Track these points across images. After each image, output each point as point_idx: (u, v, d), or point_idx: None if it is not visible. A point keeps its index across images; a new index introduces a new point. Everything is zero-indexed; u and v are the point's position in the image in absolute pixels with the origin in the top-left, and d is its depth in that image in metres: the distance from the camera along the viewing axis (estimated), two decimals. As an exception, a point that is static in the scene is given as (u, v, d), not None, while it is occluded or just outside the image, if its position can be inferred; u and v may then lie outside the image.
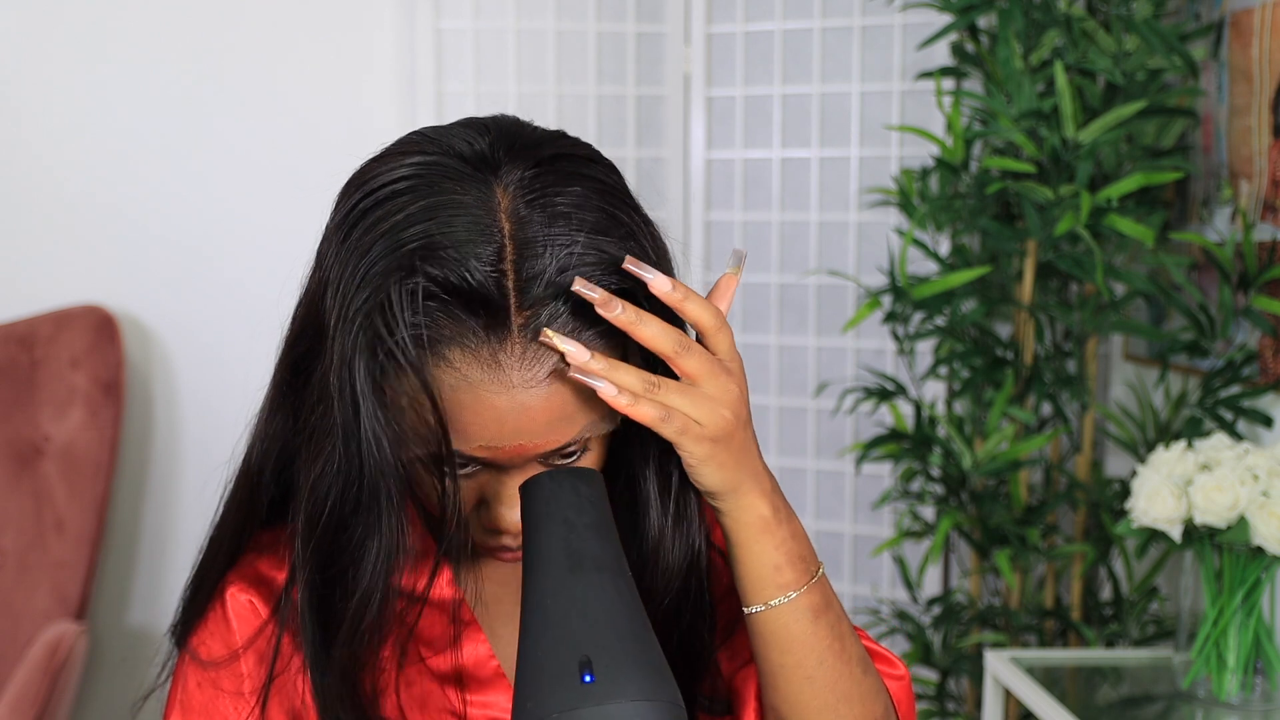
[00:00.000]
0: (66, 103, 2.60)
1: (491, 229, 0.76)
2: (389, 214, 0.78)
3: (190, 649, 0.89)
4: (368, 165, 0.83)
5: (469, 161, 0.79)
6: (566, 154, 0.81)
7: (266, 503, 0.89)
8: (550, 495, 0.78)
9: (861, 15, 2.48)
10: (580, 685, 0.68)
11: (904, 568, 2.32)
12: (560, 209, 0.78)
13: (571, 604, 0.72)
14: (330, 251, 0.81)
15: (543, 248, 0.76)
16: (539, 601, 0.73)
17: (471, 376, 0.76)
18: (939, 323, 2.13)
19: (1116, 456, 2.37)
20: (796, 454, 2.61)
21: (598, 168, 0.82)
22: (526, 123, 0.85)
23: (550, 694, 0.69)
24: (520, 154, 0.80)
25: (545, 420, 0.78)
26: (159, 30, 2.60)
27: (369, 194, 0.80)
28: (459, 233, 0.76)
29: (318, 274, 0.83)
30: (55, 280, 2.61)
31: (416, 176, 0.79)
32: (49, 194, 2.62)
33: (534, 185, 0.78)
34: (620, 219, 0.80)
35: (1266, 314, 1.89)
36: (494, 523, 0.83)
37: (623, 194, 0.82)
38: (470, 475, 0.82)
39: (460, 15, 2.58)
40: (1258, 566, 1.70)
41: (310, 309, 0.83)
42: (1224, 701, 1.74)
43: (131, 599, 2.69)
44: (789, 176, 2.59)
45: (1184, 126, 2.06)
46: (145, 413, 2.67)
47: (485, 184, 0.78)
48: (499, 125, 0.83)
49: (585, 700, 0.68)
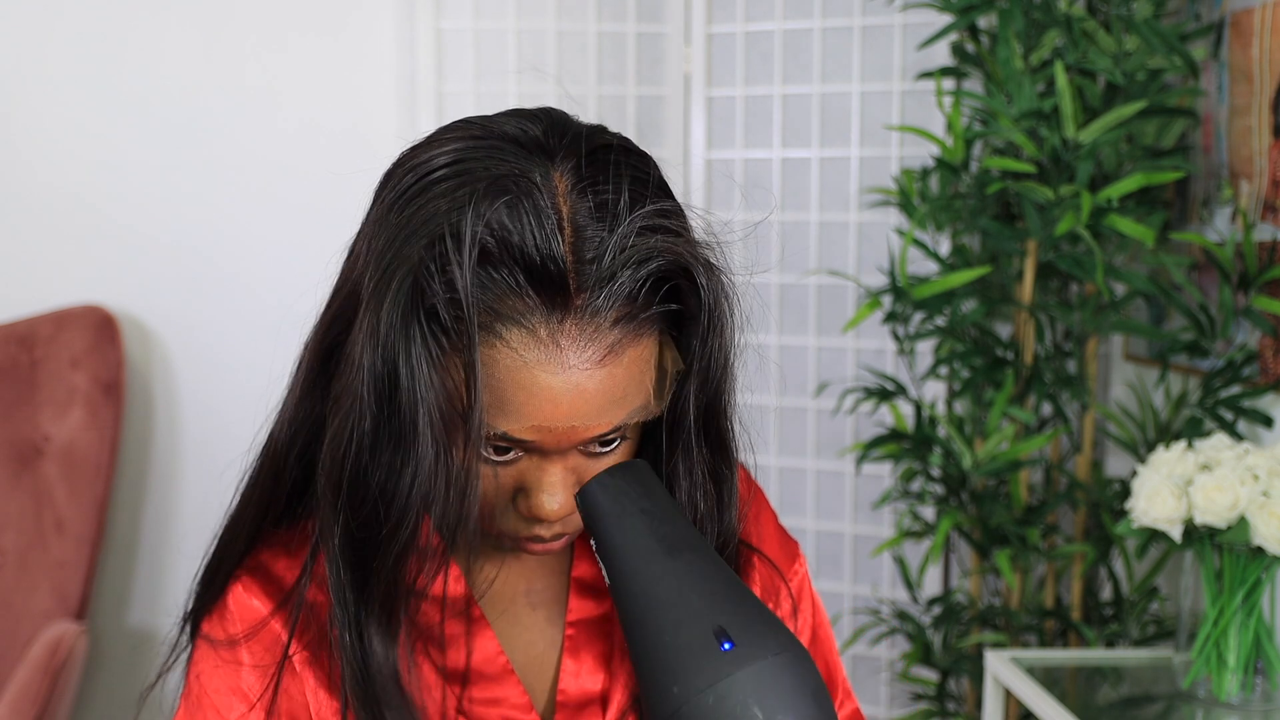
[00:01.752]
0: (66, 103, 2.60)
1: (549, 210, 0.77)
2: (446, 191, 0.78)
3: (204, 634, 0.89)
4: (411, 151, 0.83)
5: (524, 145, 0.80)
6: (614, 144, 0.82)
7: (289, 488, 0.90)
8: (619, 491, 0.78)
9: (861, 15, 2.48)
10: (723, 654, 0.70)
11: (904, 568, 2.32)
12: (613, 197, 0.79)
13: (683, 584, 0.73)
14: (378, 233, 0.80)
15: (599, 233, 0.77)
16: (645, 590, 0.74)
17: (529, 356, 0.77)
18: (939, 323, 2.13)
19: (1116, 456, 2.37)
20: (796, 454, 2.61)
21: (644, 161, 0.84)
22: (571, 115, 0.86)
23: (696, 670, 0.70)
24: (574, 142, 0.81)
25: (599, 403, 0.79)
26: (159, 30, 2.60)
27: (419, 177, 0.80)
28: (523, 204, 0.77)
29: (355, 260, 0.82)
30: (55, 280, 2.61)
31: (469, 158, 0.79)
32: (49, 194, 2.62)
33: (588, 174, 0.79)
34: (666, 209, 0.81)
35: (1267, 314, 1.89)
36: (534, 510, 0.83)
37: (666, 187, 0.84)
38: (512, 462, 0.82)
39: (460, 15, 2.57)
40: (1258, 566, 1.70)
41: (346, 296, 0.82)
42: (1224, 702, 1.74)
43: (131, 599, 2.69)
44: (789, 176, 2.59)
45: (1184, 126, 2.06)
46: (145, 413, 2.67)
47: (543, 166, 0.79)
48: (548, 115, 0.84)
49: (733, 666, 0.69)
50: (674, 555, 0.75)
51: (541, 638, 0.95)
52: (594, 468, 0.84)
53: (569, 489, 0.83)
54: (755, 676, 0.69)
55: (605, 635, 0.96)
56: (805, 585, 1.02)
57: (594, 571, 0.98)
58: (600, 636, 0.96)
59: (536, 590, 0.96)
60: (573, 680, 0.94)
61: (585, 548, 0.98)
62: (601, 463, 0.84)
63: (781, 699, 0.68)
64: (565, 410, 0.78)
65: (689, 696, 0.69)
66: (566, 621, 0.96)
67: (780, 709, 0.68)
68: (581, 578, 0.97)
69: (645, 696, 0.73)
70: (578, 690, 0.94)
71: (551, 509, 0.83)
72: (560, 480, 0.82)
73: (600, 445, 0.83)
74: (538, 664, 0.95)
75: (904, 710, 2.51)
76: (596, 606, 0.96)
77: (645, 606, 0.74)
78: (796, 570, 1.02)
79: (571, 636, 0.95)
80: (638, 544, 0.76)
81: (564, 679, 0.94)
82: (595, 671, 0.95)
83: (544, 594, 0.96)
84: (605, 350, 0.78)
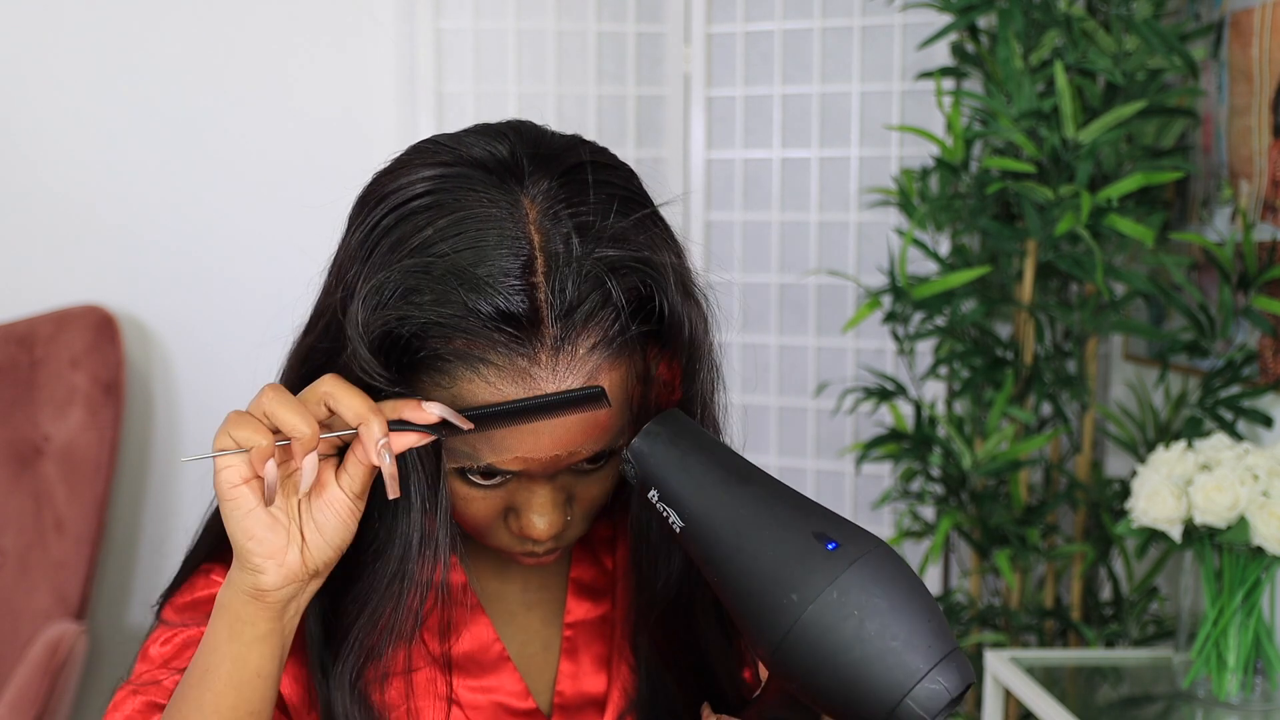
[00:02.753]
0: (67, 103, 2.60)
1: (521, 241, 0.76)
2: (416, 229, 0.77)
3: (164, 618, 0.89)
4: (382, 178, 0.82)
5: (492, 171, 0.79)
6: (588, 162, 0.81)
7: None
8: (671, 439, 0.80)
9: (861, 15, 2.48)
10: (832, 553, 0.73)
11: (904, 568, 2.32)
12: (587, 219, 0.78)
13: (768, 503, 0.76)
14: (354, 269, 0.80)
15: (572, 259, 0.77)
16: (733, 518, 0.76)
17: (506, 391, 0.77)
18: (939, 323, 2.13)
19: (1116, 456, 2.37)
20: (796, 454, 2.61)
21: (619, 174, 0.83)
22: (542, 127, 0.85)
23: (811, 572, 0.73)
24: (544, 162, 0.80)
25: (580, 430, 0.79)
26: (159, 30, 2.60)
27: (391, 209, 0.79)
28: (489, 248, 0.76)
29: (337, 287, 0.81)
30: (55, 280, 2.61)
31: (439, 189, 0.78)
32: (49, 194, 2.62)
33: (560, 196, 0.78)
34: (644, 225, 0.80)
35: (1266, 314, 1.89)
36: (525, 531, 0.84)
37: (643, 200, 0.83)
38: (499, 485, 0.82)
39: (460, 15, 2.57)
40: (1258, 566, 1.70)
41: (328, 322, 0.82)
42: (1224, 702, 1.74)
43: (131, 599, 2.69)
44: (789, 176, 2.58)
45: (1184, 126, 2.06)
46: (145, 413, 2.67)
47: (512, 194, 0.78)
48: (517, 132, 0.83)
49: (845, 561, 0.73)
50: (746, 482, 0.77)
51: (538, 639, 0.95)
52: (584, 485, 0.84)
53: (559, 507, 0.83)
54: (867, 567, 0.73)
55: (603, 637, 0.95)
56: None
57: (592, 573, 0.97)
58: (598, 638, 0.95)
59: (534, 591, 0.96)
60: (570, 682, 0.94)
61: (583, 549, 0.98)
62: (591, 480, 0.84)
63: (895, 583, 0.73)
64: (548, 442, 0.78)
65: (813, 597, 0.72)
66: (564, 623, 0.96)
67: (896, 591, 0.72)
68: (579, 579, 0.97)
69: (755, 621, 0.74)
70: (575, 692, 0.94)
71: (541, 529, 0.83)
72: (550, 500, 0.83)
73: (589, 463, 0.83)
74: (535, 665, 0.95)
75: (904, 710, 2.51)
76: (594, 608, 0.96)
77: (739, 532, 0.76)
78: None
79: (569, 638, 0.95)
80: (710, 480, 0.78)
81: (561, 680, 0.94)
82: (593, 673, 0.95)
83: (541, 595, 0.96)
84: (584, 379, 0.77)
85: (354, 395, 0.75)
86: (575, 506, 0.85)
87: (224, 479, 0.75)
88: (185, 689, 0.79)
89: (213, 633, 0.79)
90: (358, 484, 0.77)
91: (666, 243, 0.82)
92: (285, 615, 0.78)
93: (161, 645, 0.87)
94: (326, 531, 0.77)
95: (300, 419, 0.74)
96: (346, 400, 0.75)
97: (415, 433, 0.76)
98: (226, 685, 0.78)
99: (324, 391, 0.76)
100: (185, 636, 0.87)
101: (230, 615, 0.78)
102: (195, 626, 0.87)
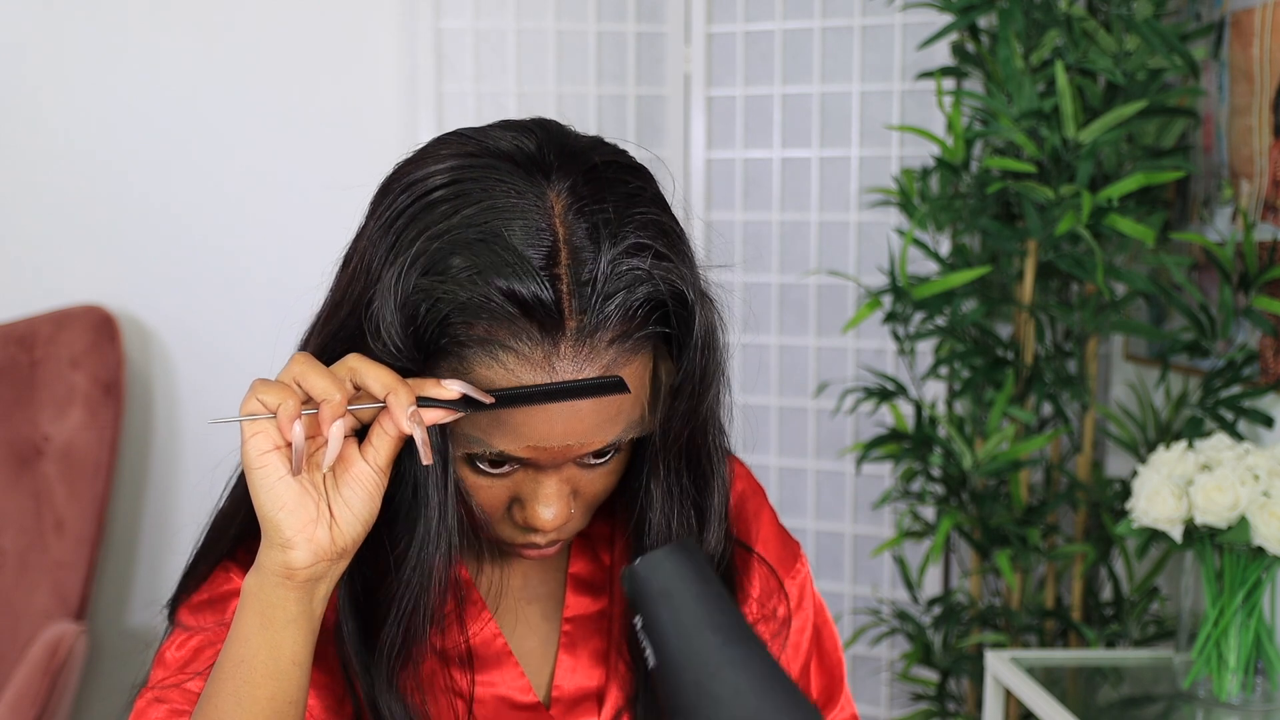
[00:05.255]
0: (67, 103, 2.60)
1: (546, 233, 0.77)
2: (443, 215, 0.78)
3: (179, 621, 0.89)
4: (406, 166, 0.83)
5: (519, 164, 0.80)
6: (611, 161, 0.83)
7: None
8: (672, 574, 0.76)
9: (862, 15, 2.48)
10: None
11: (904, 568, 2.32)
12: (610, 216, 0.79)
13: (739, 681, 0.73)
14: (377, 255, 0.80)
15: (595, 254, 0.78)
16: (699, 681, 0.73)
17: (525, 378, 0.78)
18: (939, 323, 2.13)
19: (1117, 456, 2.37)
20: (797, 454, 2.61)
21: (640, 175, 0.84)
22: (566, 126, 0.86)
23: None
24: (570, 159, 0.81)
25: (594, 422, 0.80)
26: (159, 30, 2.60)
27: (417, 196, 0.80)
28: (516, 236, 0.77)
29: (356, 276, 0.82)
30: (55, 280, 2.61)
31: (466, 179, 0.79)
32: (49, 194, 2.62)
33: (584, 192, 0.79)
34: (663, 225, 0.81)
35: (1267, 314, 1.89)
36: (530, 521, 0.84)
37: (662, 202, 0.84)
38: (507, 474, 0.83)
39: (460, 15, 2.57)
40: (1258, 566, 1.70)
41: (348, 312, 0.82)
42: (1224, 702, 1.74)
43: (131, 599, 2.69)
44: (789, 176, 2.58)
45: (1184, 126, 2.06)
46: (145, 413, 2.67)
47: (538, 187, 0.79)
48: (543, 128, 0.84)
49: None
50: (730, 644, 0.74)
51: (536, 633, 0.96)
52: (588, 479, 0.85)
53: (564, 499, 0.84)
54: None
55: (602, 632, 0.96)
56: (807, 586, 1.02)
57: (591, 568, 0.98)
58: (597, 633, 0.96)
59: (533, 586, 0.97)
60: (569, 676, 0.94)
61: (582, 545, 0.98)
62: (595, 474, 0.85)
63: None
64: (561, 430, 0.79)
65: None
66: (563, 618, 0.96)
67: None
68: (578, 574, 0.97)
69: None
70: (573, 686, 0.94)
71: (547, 519, 0.84)
72: (555, 491, 0.83)
73: (595, 457, 0.84)
74: (533, 659, 0.95)
75: (904, 710, 2.51)
76: (593, 603, 0.97)
77: (698, 697, 0.73)
78: (798, 571, 1.02)
79: (568, 632, 0.95)
80: (693, 631, 0.75)
81: (560, 674, 0.94)
82: (591, 668, 0.95)
83: (541, 590, 0.97)
84: (600, 371, 0.78)
85: (380, 369, 0.77)
86: (578, 500, 0.86)
87: (252, 446, 0.76)
88: (218, 684, 0.79)
89: (242, 623, 0.79)
90: (383, 456, 0.78)
91: (684, 245, 0.83)
92: (315, 597, 0.79)
93: (178, 649, 0.88)
94: (354, 505, 0.78)
95: (330, 383, 0.75)
96: (373, 373, 0.76)
97: (440, 409, 0.77)
98: (264, 675, 0.78)
99: (350, 367, 0.77)
100: (201, 639, 0.87)
101: (260, 601, 0.78)
102: (211, 630, 0.87)
